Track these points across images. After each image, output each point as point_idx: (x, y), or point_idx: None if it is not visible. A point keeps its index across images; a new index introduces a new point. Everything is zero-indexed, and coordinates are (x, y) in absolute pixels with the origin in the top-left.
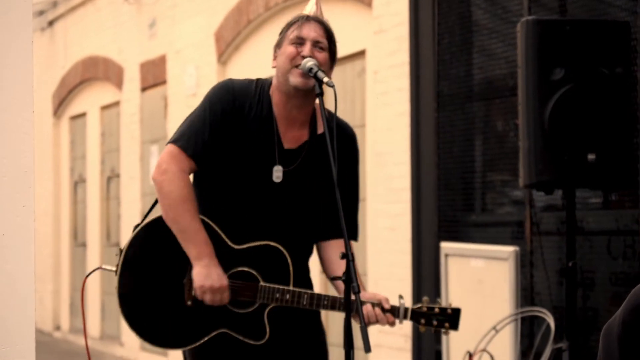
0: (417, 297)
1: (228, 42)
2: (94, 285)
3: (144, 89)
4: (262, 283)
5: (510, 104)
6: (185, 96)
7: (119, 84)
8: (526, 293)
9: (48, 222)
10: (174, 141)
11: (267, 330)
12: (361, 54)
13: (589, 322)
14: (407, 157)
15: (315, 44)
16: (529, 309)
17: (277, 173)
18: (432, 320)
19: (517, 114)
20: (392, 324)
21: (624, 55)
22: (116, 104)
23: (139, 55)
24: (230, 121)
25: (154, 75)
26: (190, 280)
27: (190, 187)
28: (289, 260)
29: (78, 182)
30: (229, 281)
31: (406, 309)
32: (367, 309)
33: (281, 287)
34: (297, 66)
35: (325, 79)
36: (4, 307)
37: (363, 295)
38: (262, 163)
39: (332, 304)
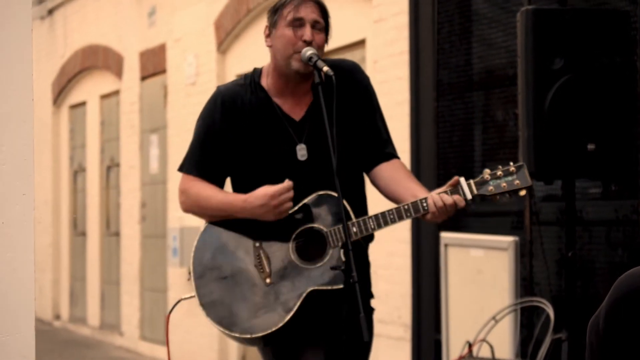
0: (416, 286)
1: (228, 30)
2: (93, 275)
3: (143, 78)
4: (326, 229)
5: (510, 94)
6: (185, 85)
7: (118, 72)
8: (526, 283)
9: (47, 211)
10: (181, 169)
11: (353, 266)
12: (361, 43)
13: (589, 312)
14: (406, 146)
15: (314, 24)
16: (528, 299)
17: (302, 152)
18: (501, 183)
19: (516, 104)
20: (460, 202)
21: (624, 45)
22: (116, 92)
23: (138, 44)
24: (227, 127)
25: (153, 64)
26: (260, 260)
27: (200, 184)
28: (342, 199)
29: (78, 171)
30: (295, 242)
31: (469, 183)
32: (432, 198)
33: (339, 227)
34: (297, 51)
35: (325, 68)
36: (4, 296)
37: (426, 193)
38: (282, 146)
39: (398, 214)
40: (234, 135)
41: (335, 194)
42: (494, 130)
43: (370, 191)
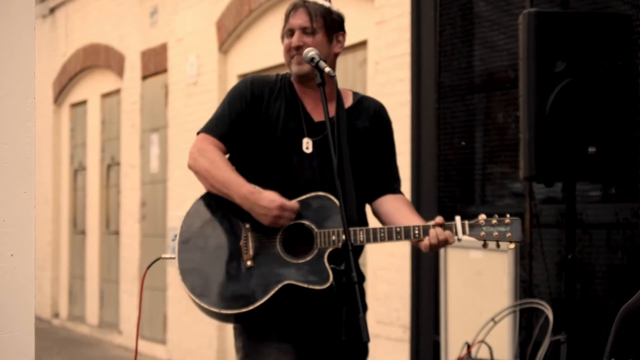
0: (415, 288)
1: (229, 31)
2: (92, 274)
3: (144, 77)
4: (317, 229)
5: (511, 96)
6: (186, 85)
7: (119, 72)
8: (525, 285)
9: (48, 210)
10: (200, 132)
11: (330, 273)
12: (362, 44)
13: (588, 315)
14: (407, 148)
15: (304, 30)
16: (527, 301)
17: (307, 144)
18: (493, 231)
19: (518, 106)
20: (450, 240)
21: (625, 48)
22: (117, 92)
23: (140, 43)
24: (252, 108)
25: (155, 63)
26: (247, 241)
27: (218, 152)
28: (338, 203)
29: (78, 170)
30: (284, 235)
31: (463, 224)
32: (431, 231)
33: (336, 229)
34: (292, 57)
35: (327, 69)
36: (4, 294)
37: (419, 222)
38: (290, 135)
39: (389, 234)
40: (255, 117)
41: (334, 199)
42: (495, 133)
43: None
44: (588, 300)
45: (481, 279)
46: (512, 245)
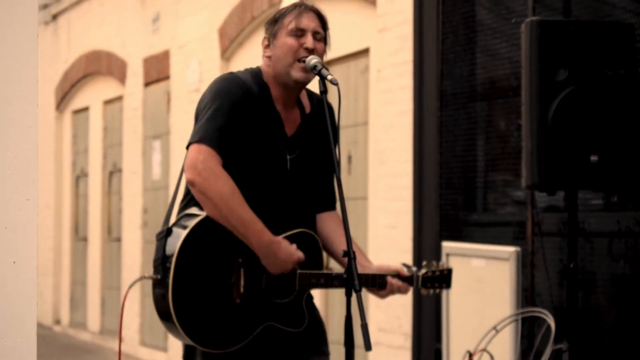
0: (417, 295)
1: (232, 38)
2: (94, 280)
3: (147, 84)
4: (299, 270)
5: (514, 104)
6: (188, 92)
7: (122, 78)
8: (527, 293)
9: (49, 216)
10: (201, 140)
11: (306, 316)
12: (365, 52)
13: (590, 324)
14: (409, 156)
15: (315, 34)
16: (529, 310)
17: (289, 163)
18: (434, 283)
19: (520, 114)
20: (407, 292)
21: (628, 57)
22: (119, 98)
23: (142, 50)
24: (243, 113)
25: (157, 70)
26: (239, 279)
27: (232, 181)
28: (320, 245)
29: (80, 176)
30: (266, 276)
31: (417, 277)
32: (388, 280)
33: (315, 272)
34: (299, 60)
35: (330, 77)
36: (6, 301)
37: (375, 268)
38: (275, 154)
39: (366, 282)
40: (244, 124)
41: (315, 235)
42: (497, 141)
43: None
44: (590, 309)
45: (483, 287)
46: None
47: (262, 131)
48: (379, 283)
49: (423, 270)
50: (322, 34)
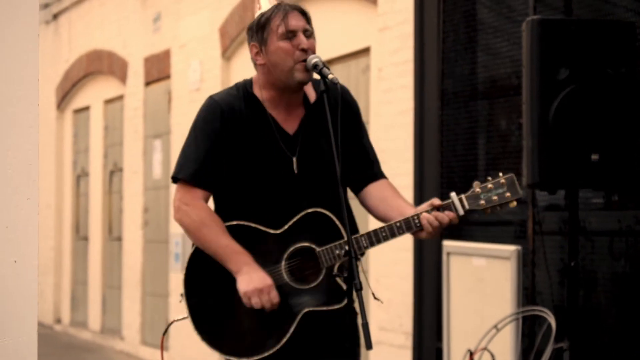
0: (418, 295)
1: (233, 37)
2: (94, 279)
3: (147, 83)
4: (318, 249)
5: (514, 103)
6: (189, 91)
7: (122, 78)
8: (527, 292)
9: (50, 215)
10: (178, 177)
11: (344, 288)
12: (365, 51)
13: (590, 322)
14: (410, 155)
15: (305, 32)
16: (530, 309)
17: (295, 164)
18: (492, 196)
19: (521, 113)
20: (454, 220)
21: (628, 55)
22: (120, 98)
23: (143, 50)
24: (227, 137)
25: (158, 69)
26: None
27: (208, 210)
28: (331, 216)
29: (81, 176)
30: (288, 263)
31: (460, 199)
32: (426, 218)
33: (337, 242)
34: (301, 60)
35: (331, 76)
36: (7, 300)
37: (415, 210)
38: (279, 160)
39: (391, 231)
40: (231, 145)
41: (325, 211)
42: (498, 140)
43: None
44: (591, 308)
45: (483, 286)
46: (514, 204)
47: (256, 142)
48: (415, 224)
49: (469, 191)
50: (310, 31)
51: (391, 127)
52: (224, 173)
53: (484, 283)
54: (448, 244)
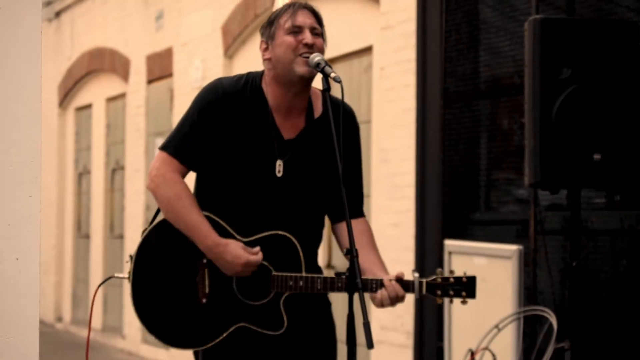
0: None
1: (235, 35)
2: (96, 278)
3: (150, 82)
4: (274, 272)
5: (517, 103)
6: (191, 89)
7: (125, 76)
8: (529, 292)
9: (52, 213)
10: (163, 147)
11: (285, 319)
12: (368, 49)
13: (592, 322)
14: (412, 154)
15: (312, 30)
16: (531, 308)
17: (279, 167)
18: (449, 290)
19: (523, 113)
20: (401, 298)
21: (631, 55)
22: (122, 95)
23: (145, 48)
24: (223, 122)
25: (160, 67)
26: (204, 278)
27: (184, 185)
28: (299, 247)
29: (82, 174)
30: (237, 278)
31: (421, 282)
32: (389, 286)
33: (294, 274)
34: (301, 55)
35: (333, 74)
36: (9, 298)
37: (381, 275)
38: (263, 158)
39: (347, 285)
40: (223, 131)
41: (293, 240)
42: (500, 139)
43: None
44: (592, 308)
45: (485, 286)
46: (466, 302)
47: (248, 135)
48: (371, 287)
49: (431, 277)
50: (319, 30)
51: (393, 126)
52: (209, 156)
53: (485, 282)
54: (450, 243)
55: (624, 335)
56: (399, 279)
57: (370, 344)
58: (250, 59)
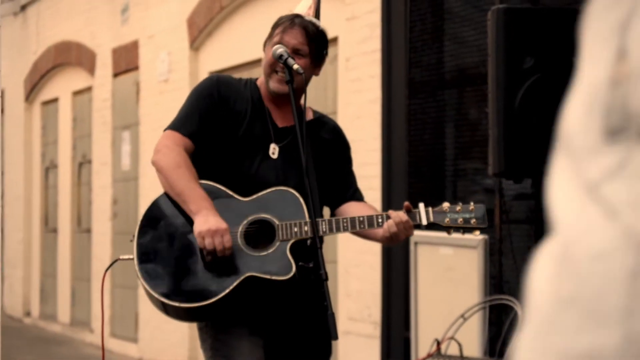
0: (386, 285)
1: (201, 28)
2: (64, 271)
3: (116, 75)
4: (278, 222)
5: (482, 92)
6: (158, 82)
7: (91, 69)
8: (495, 281)
9: (19, 208)
10: (168, 127)
11: (293, 264)
12: (333, 41)
13: None
14: (378, 145)
15: (295, 52)
16: (497, 297)
17: (273, 150)
18: (458, 218)
19: (487, 102)
20: (409, 229)
21: None
22: (88, 89)
23: (111, 41)
24: (219, 106)
25: (126, 60)
26: None
27: (185, 156)
28: (300, 199)
29: (49, 168)
30: (245, 229)
31: (427, 210)
32: (392, 214)
33: (297, 221)
34: (276, 72)
35: (295, 66)
36: None
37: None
38: (258, 138)
39: (352, 224)
40: (222, 116)
41: (294, 192)
42: (466, 129)
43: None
44: None
45: (451, 275)
46: (477, 232)
47: (243, 122)
48: (377, 222)
49: (438, 206)
50: (305, 51)
51: (359, 117)
52: (208, 133)
53: (451, 272)
54: (415, 233)
55: None
56: (405, 209)
57: (334, 335)
58: (216, 51)
